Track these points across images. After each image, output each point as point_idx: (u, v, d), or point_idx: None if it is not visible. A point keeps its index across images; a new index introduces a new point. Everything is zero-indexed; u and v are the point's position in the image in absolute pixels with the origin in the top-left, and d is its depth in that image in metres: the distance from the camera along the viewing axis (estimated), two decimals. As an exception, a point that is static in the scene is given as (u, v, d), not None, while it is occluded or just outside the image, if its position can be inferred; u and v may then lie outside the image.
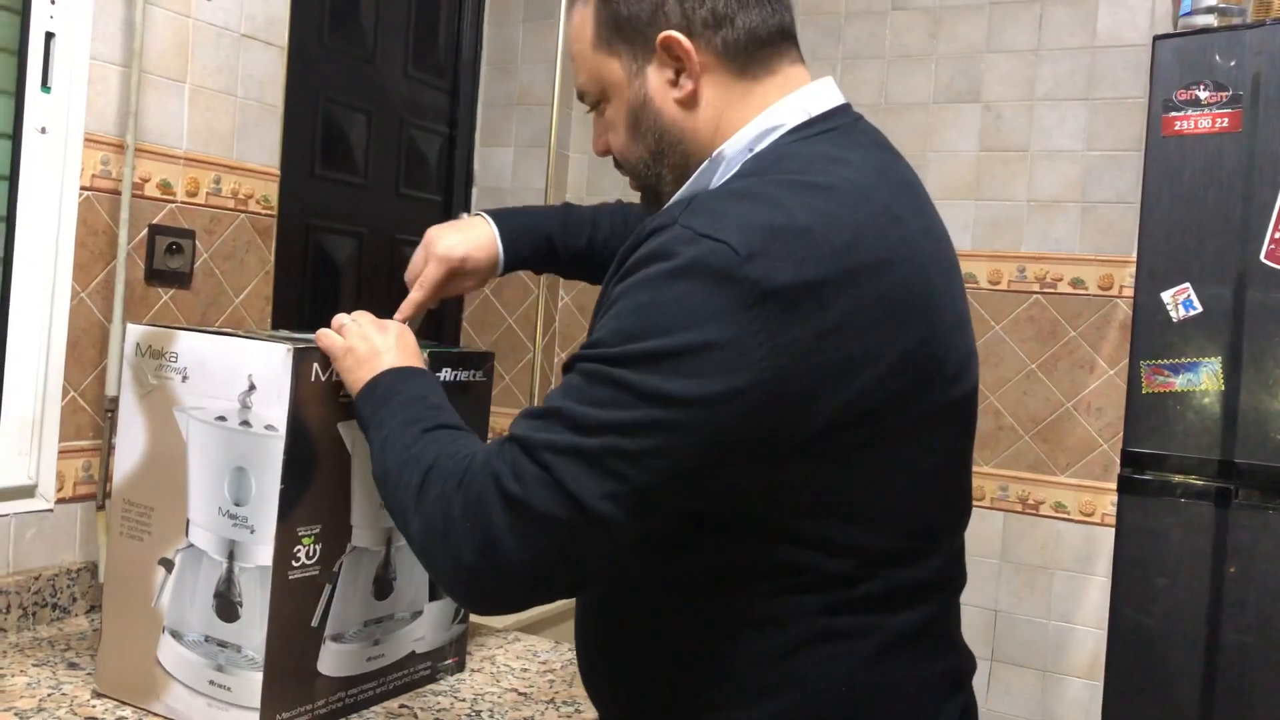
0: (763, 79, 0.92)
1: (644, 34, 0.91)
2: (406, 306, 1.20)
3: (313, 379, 1.10)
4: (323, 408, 1.11)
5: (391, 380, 1.02)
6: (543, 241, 1.26)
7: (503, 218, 1.25)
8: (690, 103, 0.91)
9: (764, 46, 0.92)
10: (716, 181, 0.91)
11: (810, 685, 0.86)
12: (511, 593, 0.82)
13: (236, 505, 1.10)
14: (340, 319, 1.11)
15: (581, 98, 1.00)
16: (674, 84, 0.91)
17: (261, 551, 1.09)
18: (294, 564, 1.10)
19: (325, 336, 1.10)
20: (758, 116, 0.91)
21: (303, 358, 1.08)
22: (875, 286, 0.80)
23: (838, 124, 0.92)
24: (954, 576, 0.96)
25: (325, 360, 1.10)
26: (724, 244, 0.77)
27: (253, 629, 1.09)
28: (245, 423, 1.09)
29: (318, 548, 1.13)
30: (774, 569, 0.85)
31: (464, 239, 1.21)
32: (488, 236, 1.22)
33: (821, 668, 0.86)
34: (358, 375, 1.04)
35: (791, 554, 0.84)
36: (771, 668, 0.86)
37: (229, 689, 1.11)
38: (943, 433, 0.88)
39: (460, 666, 1.39)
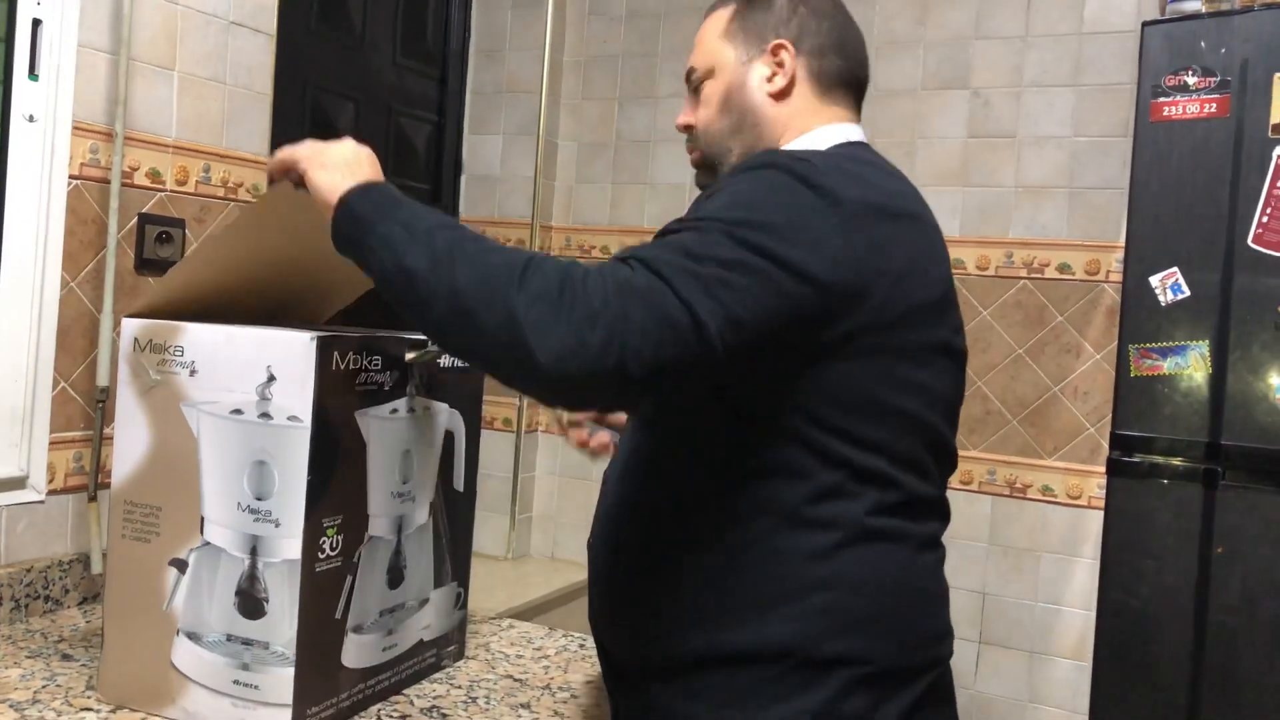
0: (830, 105, 1.14)
1: (763, 36, 1.13)
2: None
3: (334, 368, 1.09)
4: (342, 396, 1.10)
5: (392, 190, 1.01)
6: None
7: None
8: (778, 96, 1.13)
9: (838, 86, 1.15)
10: None
11: (852, 582, 0.99)
12: (609, 378, 0.85)
13: (258, 500, 1.08)
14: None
15: (689, 75, 1.20)
16: (769, 80, 1.13)
17: (289, 545, 1.07)
18: (320, 556, 1.10)
19: (283, 150, 1.08)
20: (807, 134, 1.12)
21: (325, 346, 1.07)
22: (913, 229, 1.02)
23: (866, 150, 1.13)
24: (947, 510, 1.12)
25: (345, 348, 1.09)
26: (808, 160, 0.98)
27: (281, 624, 1.08)
28: (265, 415, 1.08)
29: (340, 539, 1.12)
30: (814, 463, 0.98)
31: None
32: None
33: (862, 566, 0.99)
34: (336, 177, 1.01)
35: (829, 445, 0.97)
36: (817, 565, 0.98)
37: (256, 687, 1.09)
38: (951, 369, 1.06)
39: (460, 653, 1.39)
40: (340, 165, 1.03)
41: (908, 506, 1.02)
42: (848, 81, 1.15)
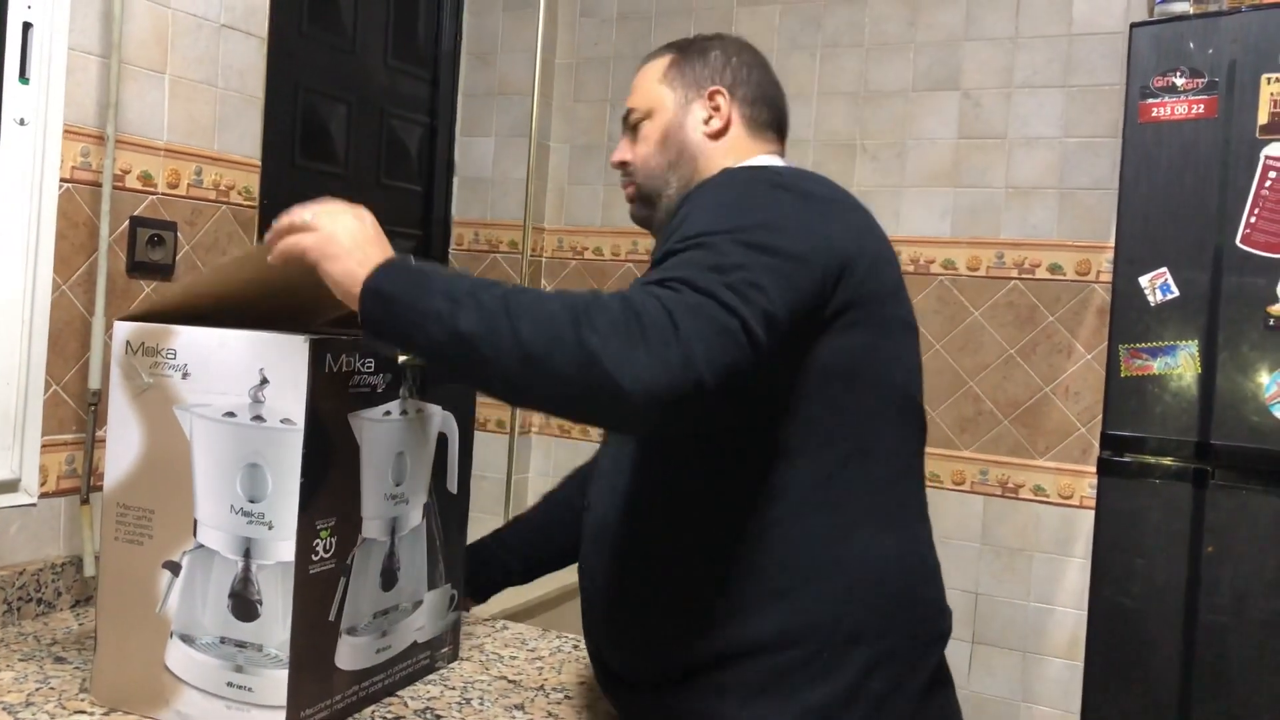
0: (761, 142, 1.25)
1: (700, 83, 1.25)
2: None
3: (327, 370, 1.09)
4: (335, 399, 1.10)
5: (410, 261, 1.00)
6: (499, 576, 1.51)
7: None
8: (715, 136, 1.23)
9: (766, 129, 1.27)
10: None
11: (867, 560, 1.04)
12: (692, 394, 0.88)
13: (251, 502, 1.08)
14: (297, 213, 1.05)
15: (627, 116, 1.29)
16: (706, 121, 1.24)
17: (282, 547, 1.07)
18: (313, 558, 1.09)
19: (285, 237, 1.04)
20: (745, 162, 1.21)
21: (318, 348, 1.07)
22: (868, 221, 1.12)
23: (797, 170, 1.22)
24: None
25: (338, 350, 1.09)
26: (768, 169, 1.11)
27: (275, 626, 1.08)
28: (258, 417, 1.08)
29: (333, 540, 1.12)
30: (818, 442, 1.03)
31: None
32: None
33: (875, 544, 1.05)
34: (351, 265, 0.98)
35: (830, 422, 1.03)
36: (833, 547, 1.03)
37: (250, 689, 1.09)
38: (914, 344, 1.14)
39: (454, 655, 1.39)
40: (350, 249, 1.00)
41: (905, 477, 1.09)
42: (774, 126, 1.27)
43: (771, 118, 1.27)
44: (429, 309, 0.93)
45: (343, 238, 1.01)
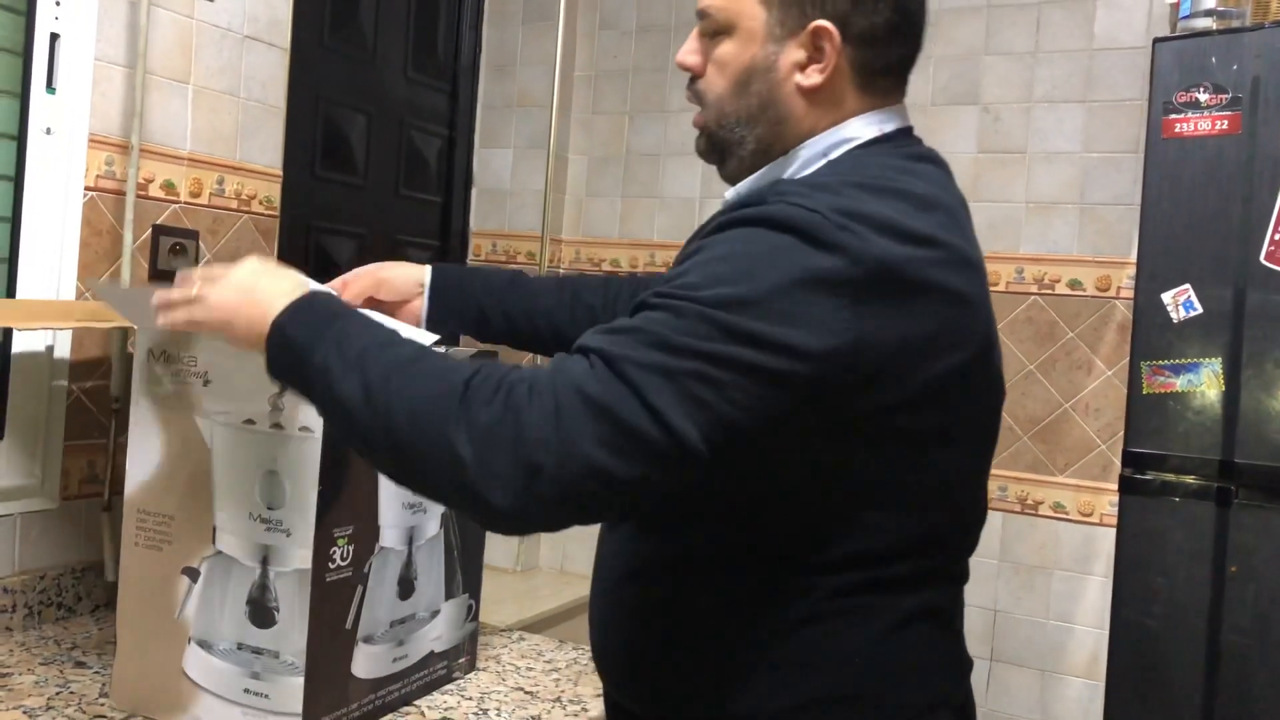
0: (871, 95, 0.95)
1: (803, 9, 0.91)
2: None
3: None
4: None
5: (324, 301, 0.91)
6: (472, 309, 1.28)
7: (443, 272, 1.27)
8: (810, 94, 0.93)
9: (892, 76, 0.95)
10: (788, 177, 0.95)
11: (823, 659, 0.89)
12: (577, 503, 0.77)
13: (270, 509, 1.09)
14: (182, 287, 0.97)
15: (702, 15, 0.96)
16: (802, 69, 0.92)
17: (299, 555, 1.08)
18: (330, 566, 1.10)
19: (180, 304, 0.97)
20: (835, 127, 0.94)
21: None
22: (950, 281, 0.85)
23: (905, 144, 0.96)
24: (966, 568, 0.99)
25: None
26: (818, 213, 0.81)
27: (291, 634, 1.08)
28: (277, 425, 1.08)
29: (350, 549, 1.12)
30: (808, 543, 0.88)
31: (401, 272, 1.24)
32: (417, 280, 1.25)
33: (838, 640, 0.89)
34: (256, 307, 0.90)
35: (830, 531, 0.88)
36: (787, 641, 0.89)
37: (267, 696, 1.10)
38: (984, 437, 0.94)
39: (471, 665, 1.39)
40: (239, 304, 0.92)
41: (901, 581, 0.91)
42: (901, 69, 0.96)
43: (898, 60, 0.95)
44: (320, 363, 0.84)
45: (231, 298, 0.93)
